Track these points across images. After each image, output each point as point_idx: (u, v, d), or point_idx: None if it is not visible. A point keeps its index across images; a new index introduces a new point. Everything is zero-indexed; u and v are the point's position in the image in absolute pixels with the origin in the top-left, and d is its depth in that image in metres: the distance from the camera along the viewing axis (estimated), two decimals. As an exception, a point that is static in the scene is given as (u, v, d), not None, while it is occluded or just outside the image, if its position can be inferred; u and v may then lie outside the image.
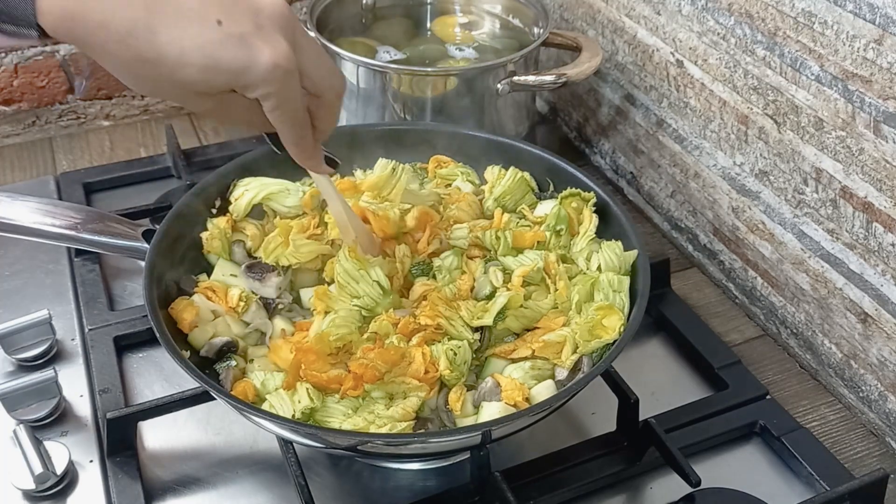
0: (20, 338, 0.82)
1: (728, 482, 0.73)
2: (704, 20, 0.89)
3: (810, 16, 0.76)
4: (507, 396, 0.67)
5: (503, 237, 0.77)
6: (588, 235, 0.78)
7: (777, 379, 0.86)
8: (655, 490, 0.74)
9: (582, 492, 0.73)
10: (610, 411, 0.76)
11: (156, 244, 0.74)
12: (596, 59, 0.99)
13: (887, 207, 0.74)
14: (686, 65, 0.94)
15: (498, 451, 0.71)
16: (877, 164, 0.74)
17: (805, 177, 0.82)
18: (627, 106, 1.07)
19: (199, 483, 0.74)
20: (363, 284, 0.72)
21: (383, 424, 0.65)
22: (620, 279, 0.74)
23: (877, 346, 0.79)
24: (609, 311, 0.71)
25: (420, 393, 0.67)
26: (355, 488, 0.74)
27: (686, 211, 1.01)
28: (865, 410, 0.82)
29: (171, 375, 0.82)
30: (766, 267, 0.90)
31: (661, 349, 0.88)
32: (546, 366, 0.71)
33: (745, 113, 0.88)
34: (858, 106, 0.74)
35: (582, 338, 0.70)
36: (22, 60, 1.15)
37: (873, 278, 0.77)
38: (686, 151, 0.98)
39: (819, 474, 0.74)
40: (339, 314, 0.70)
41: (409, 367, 0.68)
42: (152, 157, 1.12)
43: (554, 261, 0.76)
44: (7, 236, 0.75)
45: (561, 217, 0.79)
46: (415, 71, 1.00)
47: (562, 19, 1.16)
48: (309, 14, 1.05)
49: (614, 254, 0.76)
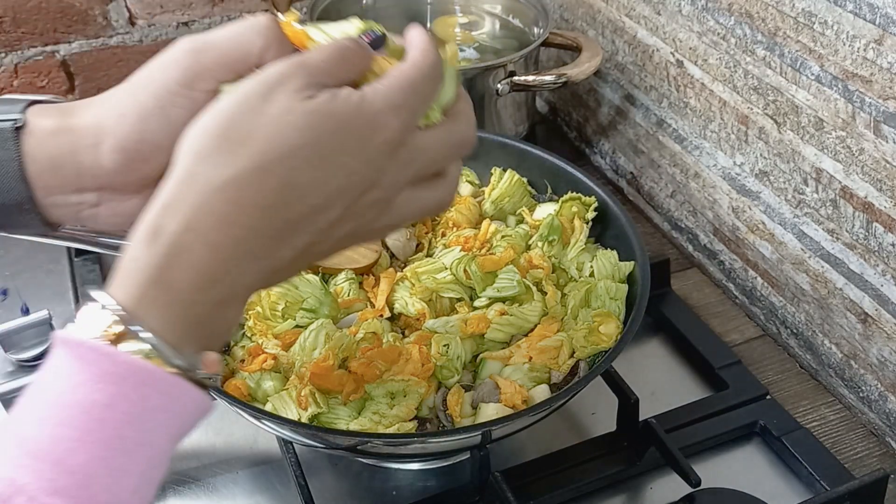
0: (20, 338, 0.82)
1: (728, 482, 0.73)
2: (704, 20, 0.89)
3: (810, 16, 0.76)
4: (505, 399, 0.67)
5: (473, 272, 0.74)
6: (578, 246, 0.78)
7: (777, 379, 0.86)
8: (655, 490, 0.74)
9: (582, 492, 0.73)
10: (610, 411, 0.76)
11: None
12: (596, 59, 0.99)
13: (887, 207, 0.74)
14: (686, 65, 0.94)
15: (498, 451, 0.71)
16: (877, 164, 0.74)
17: (805, 177, 0.82)
18: (627, 106, 1.07)
19: (199, 483, 0.74)
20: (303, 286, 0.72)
21: (390, 424, 0.65)
22: (619, 287, 0.74)
23: (877, 346, 0.79)
24: (606, 318, 0.71)
25: (419, 389, 0.67)
26: (355, 488, 0.74)
27: (686, 211, 1.01)
28: (865, 410, 0.82)
29: (171, 375, 0.82)
30: (766, 267, 0.90)
31: (661, 349, 0.88)
32: (545, 368, 0.71)
33: (746, 113, 0.88)
34: (858, 106, 0.74)
35: (578, 343, 0.70)
36: (22, 61, 1.15)
37: (873, 278, 0.77)
38: (686, 151, 0.98)
39: (819, 474, 0.74)
40: (312, 332, 0.70)
41: (407, 364, 0.68)
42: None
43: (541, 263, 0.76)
44: (7, 236, 0.75)
45: (554, 227, 0.78)
46: (415, 71, 1.00)
47: (562, 19, 1.16)
48: (309, 14, 1.05)
49: (609, 262, 0.75)
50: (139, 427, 0.42)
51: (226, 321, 0.47)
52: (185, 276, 0.44)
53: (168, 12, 1.19)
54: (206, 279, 0.45)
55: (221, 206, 0.44)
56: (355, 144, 0.46)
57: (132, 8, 1.17)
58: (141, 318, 0.43)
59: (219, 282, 0.45)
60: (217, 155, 0.45)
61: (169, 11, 1.19)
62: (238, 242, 0.45)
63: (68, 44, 1.16)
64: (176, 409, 0.44)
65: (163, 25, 1.20)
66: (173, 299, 0.44)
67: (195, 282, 0.44)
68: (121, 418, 0.41)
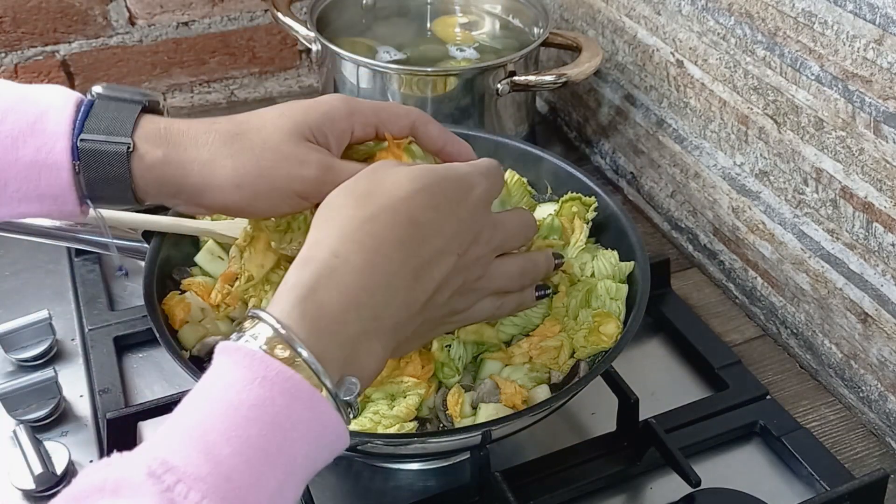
0: (20, 338, 0.82)
1: (728, 482, 0.73)
2: (704, 20, 0.90)
3: (810, 16, 0.76)
4: (506, 399, 0.67)
5: None
6: (578, 246, 0.78)
7: (777, 379, 0.86)
8: (655, 490, 0.74)
9: (582, 492, 0.73)
10: (610, 411, 0.76)
11: (156, 244, 0.74)
12: (596, 59, 0.99)
13: (887, 207, 0.74)
14: (686, 65, 0.94)
15: (498, 451, 0.71)
16: (877, 164, 0.74)
17: (805, 177, 0.82)
18: (627, 106, 1.07)
19: (199, 483, 0.74)
20: None
21: (390, 425, 0.65)
22: (619, 287, 0.73)
23: (877, 346, 0.79)
24: (606, 319, 0.71)
25: (419, 390, 0.67)
26: (355, 488, 0.74)
27: (686, 211, 1.01)
28: (865, 410, 0.82)
29: (172, 376, 0.82)
30: (766, 267, 0.90)
31: (661, 349, 0.88)
32: (545, 368, 0.71)
33: (746, 113, 0.88)
34: (858, 106, 0.74)
35: (578, 343, 0.70)
36: (22, 61, 1.15)
37: (873, 278, 0.77)
38: (686, 151, 0.98)
39: (819, 474, 0.74)
40: None
41: (407, 366, 0.68)
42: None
43: None
44: (7, 236, 0.75)
45: (554, 227, 0.78)
46: (415, 71, 1.00)
47: (562, 19, 1.16)
48: (309, 14, 1.05)
49: (609, 263, 0.75)
50: (282, 435, 0.45)
51: (370, 354, 0.51)
52: (333, 295, 0.50)
53: (168, 12, 1.19)
54: (352, 301, 0.50)
55: (362, 236, 0.52)
56: (456, 195, 0.56)
57: (132, 8, 1.17)
58: (294, 330, 0.48)
59: (363, 306, 0.51)
60: (352, 205, 0.54)
61: (169, 11, 1.19)
62: (378, 269, 0.52)
63: (68, 44, 1.16)
64: (316, 427, 0.47)
65: (163, 25, 1.20)
66: (322, 314, 0.49)
67: (343, 302, 0.50)
68: (267, 420, 0.44)
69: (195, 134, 0.61)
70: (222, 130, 0.61)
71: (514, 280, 0.63)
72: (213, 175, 0.60)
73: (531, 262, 0.65)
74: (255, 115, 0.63)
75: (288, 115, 0.62)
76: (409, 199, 0.54)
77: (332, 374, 0.48)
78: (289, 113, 0.62)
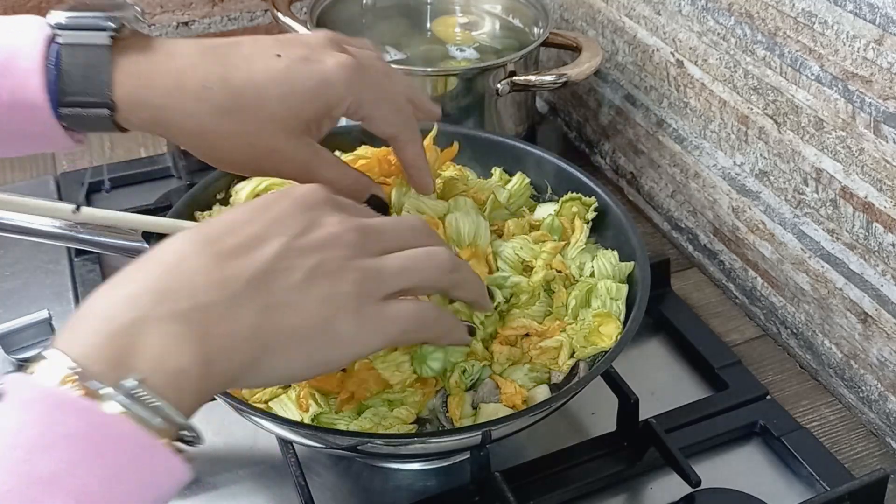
0: (20, 338, 0.82)
1: (728, 482, 0.73)
2: (704, 20, 0.90)
3: (810, 16, 0.76)
4: (506, 399, 0.67)
5: None
6: (578, 246, 0.78)
7: (777, 379, 0.86)
8: (655, 490, 0.74)
9: (582, 492, 0.73)
10: (610, 411, 0.76)
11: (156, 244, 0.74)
12: (596, 59, 0.99)
13: (887, 207, 0.74)
14: (686, 65, 0.94)
15: (498, 451, 0.71)
16: (877, 164, 0.74)
17: (805, 177, 0.82)
18: (627, 106, 1.07)
19: (199, 483, 0.74)
20: None
21: (390, 425, 0.65)
22: (619, 287, 0.73)
23: (877, 346, 0.79)
24: (606, 319, 0.71)
25: (415, 397, 0.66)
26: (355, 488, 0.74)
27: (686, 211, 1.01)
28: (865, 410, 0.82)
29: (171, 375, 0.82)
30: (766, 267, 0.91)
31: (661, 349, 0.88)
32: (545, 368, 0.71)
33: (745, 113, 0.88)
34: (858, 106, 0.74)
35: (578, 343, 0.70)
36: (22, 60, 1.15)
37: (873, 278, 0.77)
38: (686, 151, 0.98)
39: (819, 474, 0.74)
40: None
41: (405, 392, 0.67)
42: (152, 157, 1.12)
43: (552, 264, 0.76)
44: (7, 236, 0.75)
45: (555, 227, 0.78)
46: (415, 71, 1.00)
47: (562, 19, 1.16)
48: (309, 14, 1.05)
49: (609, 263, 0.75)
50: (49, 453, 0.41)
51: (163, 336, 0.46)
52: (99, 302, 0.48)
53: (168, 12, 1.19)
54: (121, 296, 0.48)
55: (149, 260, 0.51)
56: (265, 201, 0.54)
57: (132, 8, 1.17)
58: (58, 346, 0.44)
59: (137, 296, 0.47)
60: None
61: (169, 11, 1.19)
62: (162, 264, 0.50)
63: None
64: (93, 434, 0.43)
65: (163, 25, 1.20)
66: (82, 316, 0.47)
67: (110, 300, 0.48)
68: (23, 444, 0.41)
69: (183, 98, 0.60)
70: (215, 102, 0.60)
71: (401, 273, 0.55)
72: (199, 146, 0.62)
73: (413, 258, 0.56)
74: (252, 87, 0.60)
75: (288, 103, 0.61)
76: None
77: (100, 368, 0.43)
78: (289, 101, 0.61)
